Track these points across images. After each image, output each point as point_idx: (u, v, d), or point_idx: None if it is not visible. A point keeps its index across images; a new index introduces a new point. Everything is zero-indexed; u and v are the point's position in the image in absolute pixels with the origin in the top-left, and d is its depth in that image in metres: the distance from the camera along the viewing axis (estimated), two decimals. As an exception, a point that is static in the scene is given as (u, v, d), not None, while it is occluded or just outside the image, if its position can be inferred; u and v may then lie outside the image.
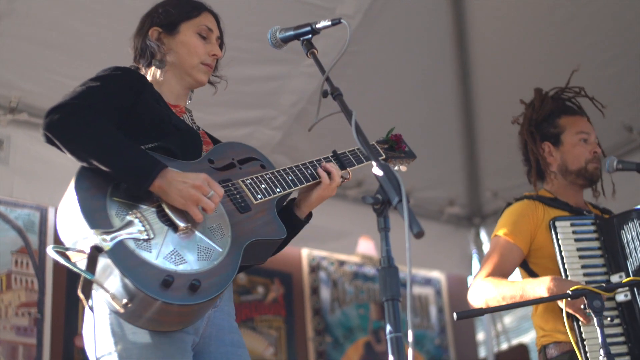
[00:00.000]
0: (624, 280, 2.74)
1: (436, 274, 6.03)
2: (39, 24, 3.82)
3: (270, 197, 2.31)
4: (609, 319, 2.69)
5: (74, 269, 1.93)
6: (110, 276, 1.94)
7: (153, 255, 1.99)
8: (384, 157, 2.63)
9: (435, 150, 5.18)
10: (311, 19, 2.32)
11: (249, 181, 2.32)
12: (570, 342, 2.75)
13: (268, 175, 2.36)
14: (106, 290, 1.95)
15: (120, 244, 1.96)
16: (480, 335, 6.24)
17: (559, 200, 3.17)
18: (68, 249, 1.98)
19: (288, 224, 2.33)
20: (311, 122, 2.29)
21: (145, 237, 2.01)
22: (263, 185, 2.32)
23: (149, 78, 2.43)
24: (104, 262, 1.93)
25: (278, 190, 2.34)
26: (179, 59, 2.43)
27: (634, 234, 2.93)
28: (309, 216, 2.48)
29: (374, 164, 1.84)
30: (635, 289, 2.82)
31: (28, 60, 3.92)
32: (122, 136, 2.12)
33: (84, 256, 1.93)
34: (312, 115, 2.26)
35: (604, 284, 2.62)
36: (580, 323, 2.81)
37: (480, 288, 2.99)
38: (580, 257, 2.96)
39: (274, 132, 4.77)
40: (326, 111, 2.20)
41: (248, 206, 2.26)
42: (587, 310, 2.51)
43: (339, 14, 4.15)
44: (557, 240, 2.97)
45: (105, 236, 1.94)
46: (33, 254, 4.23)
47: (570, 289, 2.56)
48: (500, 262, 3.04)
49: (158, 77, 2.43)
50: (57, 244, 1.99)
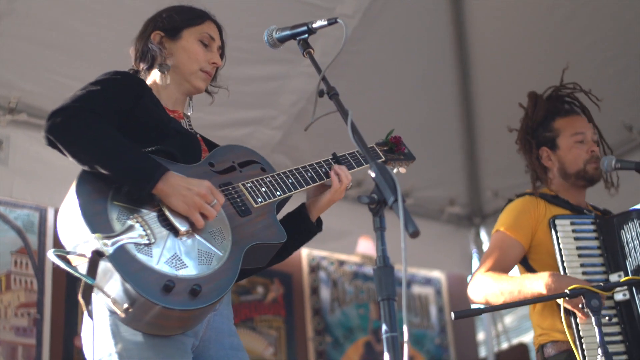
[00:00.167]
0: (622, 280, 2.74)
1: (436, 274, 6.03)
2: (39, 24, 3.82)
3: (270, 201, 2.31)
4: (607, 318, 2.69)
5: (75, 274, 1.93)
6: (110, 280, 1.94)
7: (154, 260, 1.99)
8: (383, 160, 2.62)
9: (435, 150, 5.18)
10: (311, 19, 2.31)
11: (249, 184, 2.31)
12: (568, 342, 2.75)
13: (268, 179, 2.35)
14: (107, 295, 1.95)
15: (121, 249, 1.95)
16: (480, 335, 6.23)
17: (560, 198, 3.17)
18: (69, 253, 1.98)
19: (303, 229, 2.34)
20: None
21: (146, 242, 2.01)
22: (263, 189, 2.32)
23: (148, 82, 2.43)
24: (104, 267, 1.93)
25: (278, 193, 2.33)
26: (179, 64, 2.42)
27: (634, 233, 2.93)
28: (320, 222, 2.48)
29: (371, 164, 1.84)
30: (633, 288, 2.82)
31: (28, 60, 3.92)
32: (124, 139, 2.12)
33: (85, 260, 1.93)
34: (312, 115, 2.26)
35: (602, 283, 2.63)
36: (578, 321, 2.81)
37: (480, 282, 2.99)
38: (580, 256, 2.96)
39: (274, 132, 4.77)
40: (324, 111, 2.20)
41: (248, 210, 2.25)
42: (585, 309, 2.51)
43: (338, 14, 4.15)
44: (557, 238, 2.97)
45: (106, 240, 1.94)
46: (32, 254, 4.23)
47: (569, 287, 2.56)
48: (500, 257, 3.04)
49: (158, 82, 2.43)
50: (57, 247, 1.99)
